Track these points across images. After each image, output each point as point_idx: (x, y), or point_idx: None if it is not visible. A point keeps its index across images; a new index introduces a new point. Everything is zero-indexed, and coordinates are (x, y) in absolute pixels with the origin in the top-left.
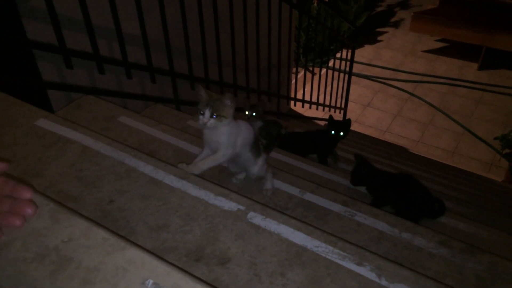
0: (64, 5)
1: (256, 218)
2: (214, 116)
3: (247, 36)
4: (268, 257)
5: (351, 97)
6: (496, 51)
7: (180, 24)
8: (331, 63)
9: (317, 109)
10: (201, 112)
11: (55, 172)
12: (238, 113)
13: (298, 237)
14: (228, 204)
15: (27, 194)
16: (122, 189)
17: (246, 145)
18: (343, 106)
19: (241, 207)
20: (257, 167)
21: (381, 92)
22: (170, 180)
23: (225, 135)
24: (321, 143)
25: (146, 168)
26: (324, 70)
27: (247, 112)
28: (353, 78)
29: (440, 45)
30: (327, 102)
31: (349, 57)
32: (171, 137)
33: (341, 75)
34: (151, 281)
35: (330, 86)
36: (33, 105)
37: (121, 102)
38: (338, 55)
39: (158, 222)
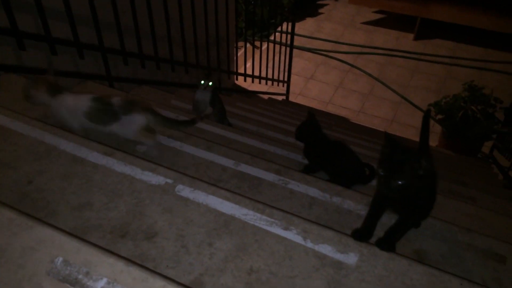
0: None
1: (184, 191)
2: None
3: (181, 9)
4: (196, 228)
5: (294, 70)
6: (430, 22)
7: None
8: (273, 37)
9: (260, 82)
10: None
11: None
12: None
13: (227, 207)
14: (155, 178)
15: None
16: (42, 169)
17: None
18: (286, 79)
19: (169, 181)
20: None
21: (323, 64)
22: (94, 157)
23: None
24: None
25: (68, 146)
26: (266, 44)
27: (203, 82)
28: (296, 51)
29: (378, 16)
30: (270, 76)
31: (290, 30)
32: None
33: (284, 48)
34: (61, 259)
35: (272, 60)
36: None
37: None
38: (280, 29)
39: (80, 200)
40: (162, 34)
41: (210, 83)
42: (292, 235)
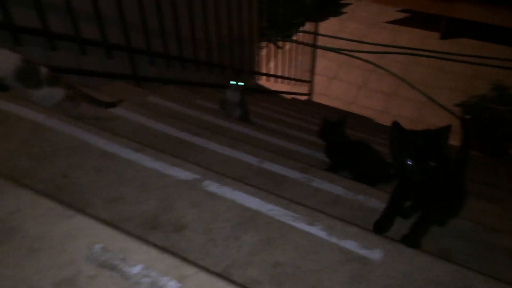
0: None
1: (211, 186)
2: None
3: (206, 9)
4: (223, 222)
5: (317, 70)
6: (456, 20)
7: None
8: (296, 37)
9: (282, 82)
10: None
11: (4, 150)
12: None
13: (252, 202)
14: (183, 174)
15: None
16: (76, 164)
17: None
18: (309, 79)
19: (197, 176)
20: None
21: (346, 64)
22: (125, 153)
23: None
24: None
25: (100, 141)
26: (290, 44)
27: (233, 82)
28: (319, 51)
29: (402, 15)
30: (293, 76)
31: (313, 30)
32: (131, 112)
33: (307, 48)
34: (99, 246)
35: (295, 60)
36: None
37: (78, 80)
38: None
39: (113, 194)
40: (187, 34)
41: (241, 84)
42: (317, 231)
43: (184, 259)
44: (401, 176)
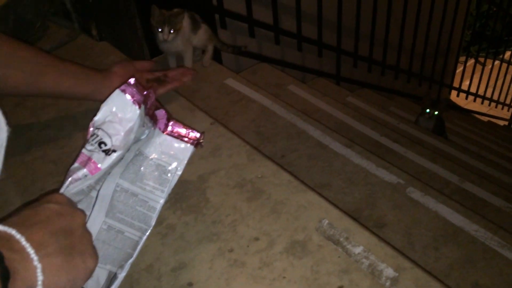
0: None
1: (415, 193)
2: (172, 31)
3: (418, 19)
4: (424, 230)
5: None
6: None
7: (353, 4)
8: (507, 55)
9: (482, 103)
10: (160, 30)
11: (239, 125)
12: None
13: (456, 219)
14: (388, 176)
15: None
16: (293, 147)
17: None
18: None
19: (401, 181)
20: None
21: None
22: (335, 146)
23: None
24: None
25: (315, 132)
26: (497, 63)
27: (428, 111)
28: None
29: None
30: (495, 97)
31: None
32: (334, 109)
33: None
34: (327, 221)
35: (495, 79)
36: None
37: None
38: None
39: (322, 180)
40: (392, 41)
41: (436, 113)
42: None
43: (401, 253)
44: None
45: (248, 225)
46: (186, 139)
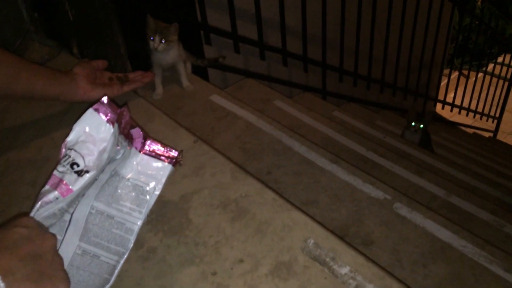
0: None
1: (402, 209)
2: (163, 41)
3: (402, 33)
4: (412, 247)
5: (507, 107)
6: None
7: (338, 19)
8: (490, 68)
9: (467, 115)
10: (151, 38)
11: (224, 141)
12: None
13: (444, 234)
14: (375, 192)
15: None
16: (279, 164)
17: None
18: (497, 115)
19: (388, 197)
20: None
21: None
22: (322, 162)
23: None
24: None
25: (301, 148)
26: (480, 75)
27: (413, 124)
28: None
29: None
30: (479, 109)
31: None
32: (320, 124)
33: (498, 81)
34: (312, 241)
35: (485, 92)
36: None
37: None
38: (500, 59)
39: (308, 197)
40: (377, 55)
41: (421, 126)
42: None
43: (389, 272)
44: None
45: (232, 246)
46: (163, 158)
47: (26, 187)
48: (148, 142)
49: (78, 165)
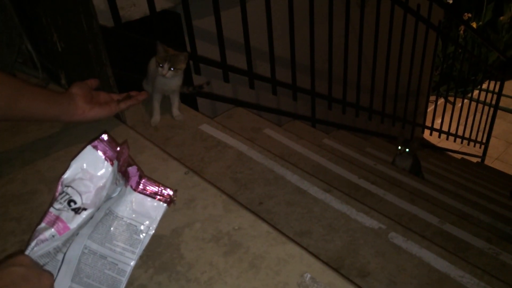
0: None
1: (398, 239)
2: (172, 69)
3: (388, 62)
4: (409, 278)
5: (494, 133)
6: None
7: (326, 48)
8: (475, 94)
9: (454, 141)
10: (161, 65)
11: (215, 172)
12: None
13: (441, 264)
14: (369, 221)
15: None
16: (271, 194)
17: None
18: (484, 141)
19: (383, 226)
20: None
21: None
22: (314, 191)
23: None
24: None
25: (293, 177)
26: (466, 101)
27: (399, 147)
28: (499, 112)
29: None
30: (466, 135)
31: (496, 89)
32: (310, 152)
33: (484, 108)
34: (309, 275)
35: (471, 118)
36: None
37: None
38: (484, 86)
39: (302, 228)
40: (365, 84)
41: (407, 150)
42: None
43: None
44: None
45: (226, 282)
46: (158, 196)
47: (11, 222)
48: (143, 180)
49: (75, 203)
